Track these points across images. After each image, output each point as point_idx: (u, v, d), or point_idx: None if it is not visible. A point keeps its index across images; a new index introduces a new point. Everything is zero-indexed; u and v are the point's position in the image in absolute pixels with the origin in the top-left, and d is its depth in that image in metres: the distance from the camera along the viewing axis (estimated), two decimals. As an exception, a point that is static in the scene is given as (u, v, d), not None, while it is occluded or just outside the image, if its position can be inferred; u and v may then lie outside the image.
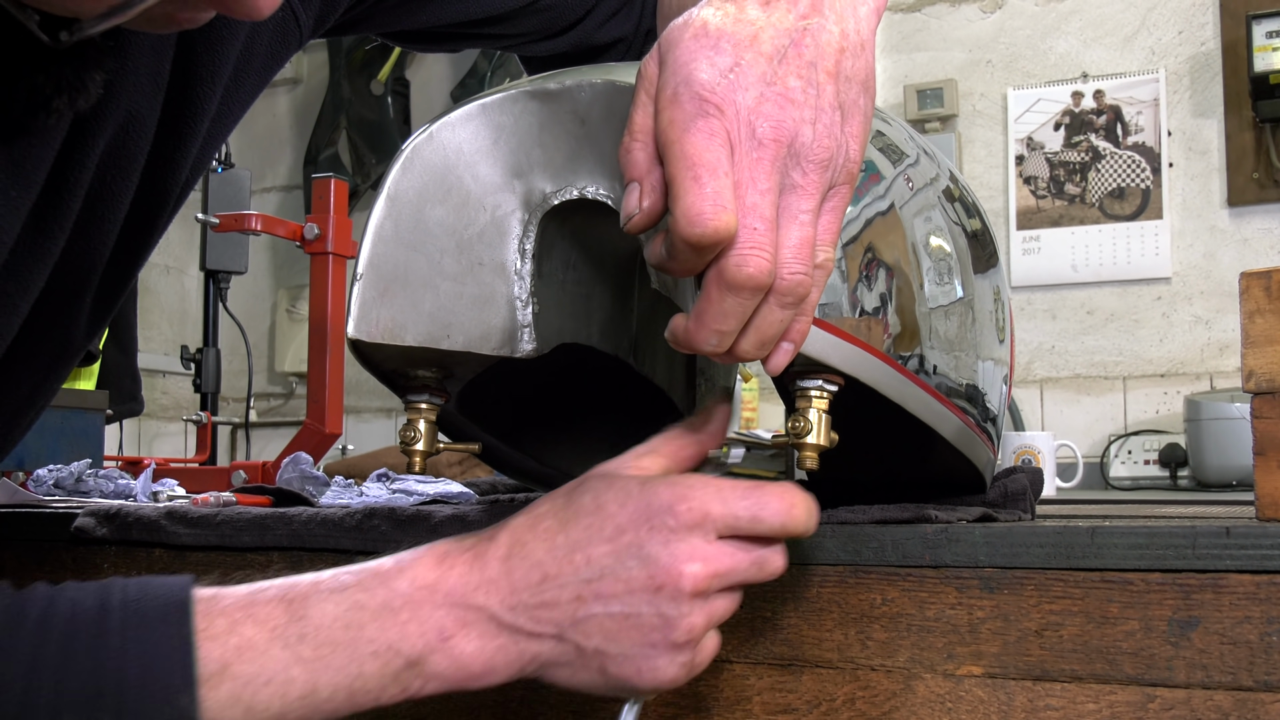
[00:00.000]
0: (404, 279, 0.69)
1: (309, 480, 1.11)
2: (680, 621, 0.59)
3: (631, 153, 0.58)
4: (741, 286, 0.55)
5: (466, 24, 0.93)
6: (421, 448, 0.74)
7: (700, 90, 0.56)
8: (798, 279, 0.57)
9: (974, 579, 0.68)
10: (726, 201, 0.54)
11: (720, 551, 0.60)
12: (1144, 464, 2.61)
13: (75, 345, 0.78)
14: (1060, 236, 2.81)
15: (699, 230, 0.54)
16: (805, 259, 0.57)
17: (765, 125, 0.56)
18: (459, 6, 0.91)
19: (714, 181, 0.54)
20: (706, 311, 0.57)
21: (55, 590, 0.61)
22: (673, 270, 0.57)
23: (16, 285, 0.68)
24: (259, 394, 3.54)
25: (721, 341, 0.57)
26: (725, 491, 0.60)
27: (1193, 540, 0.63)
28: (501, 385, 0.80)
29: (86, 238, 0.72)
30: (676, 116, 0.56)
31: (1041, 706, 0.66)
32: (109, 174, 0.71)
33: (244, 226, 2.12)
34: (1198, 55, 2.74)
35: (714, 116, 0.55)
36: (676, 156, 0.55)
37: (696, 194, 0.54)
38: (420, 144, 0.70)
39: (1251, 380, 0.67)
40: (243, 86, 0.77)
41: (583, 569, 0.60)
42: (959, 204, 0.77)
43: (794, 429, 0.64)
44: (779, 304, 0.57)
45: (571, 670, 0.61)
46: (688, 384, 0.92)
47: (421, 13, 0.91)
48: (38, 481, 1.21)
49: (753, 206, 0.55)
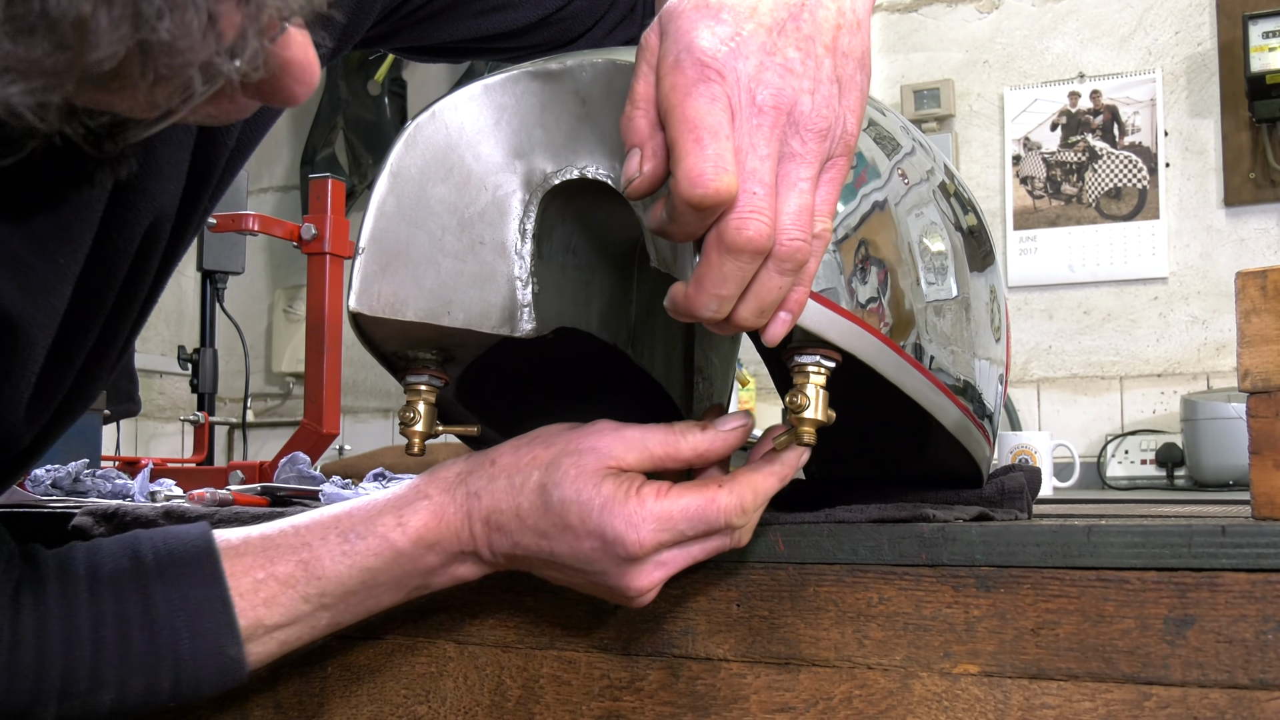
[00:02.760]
0: (405, 255, 0.70)
1: (306, 480, 1.11)
2: (634, 583, 0.67)
3: (633, 120, 0.59)
4: (741, 249, 0.56)
5: (480, 39, 0.93)
6: (420, 429, 0.74)
7: (702, 56, 0.56)
8: (796, 245, 0.57)
9: (970, 578, 0.68)
10: (727, 164, 0.55)
11: (674, 558, 0.67)
12: (1141, 464, 2.61)
13: (84, 404, 0.79)
14: (1057, 236, 2.81)
15: (700, 191, 0.55)
16: (804, 226, 0.57)
17: (765, 93, 0.56)
18: (474, 24, 0.92)
19: (715, 144, 0.55)
20: (706, 276, 0.57)
21: (90, 549, 0.70)
22: (673, 234, 0.58)
23: (73, 342, 0.70)
24: (256, 394, 3.54)
25: (720, 307, 0.58)
26: (674, 516, 0.65)
27: (1189, 539, 0.63)
28: (500, 376, 0.80)
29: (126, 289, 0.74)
30: (678, 82, 0.56)
31: (1038, 705, 0.66)
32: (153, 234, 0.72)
33: (241, 227, 2.12)
34: (1194, 55, 2.74)
35: (715, 82, 0.56)
36: (678, 120, 0.56)
37: (698, 156, 0.55)
38: (423, 122, 0.70)
39: (1247, 379, 0.67)
40: (255, 131, 0.77)
41: (549, 554, 0.68)
42: (955, 199, 0.77)
43: (792, 404, 0.64)
44: (778, 270, 0.58)
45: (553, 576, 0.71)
46: (685, 378, 0.92)
47: (438, 32, 0.91)
48: (35, 481, 1.21)
49: (753, 171, 0.56)
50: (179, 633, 0.68)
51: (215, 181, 0.74)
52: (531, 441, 0.69)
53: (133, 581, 0.69)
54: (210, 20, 0.43)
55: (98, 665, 0.67)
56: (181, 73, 0.44)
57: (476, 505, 0.69)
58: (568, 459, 0.67)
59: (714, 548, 0.67)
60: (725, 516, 0.65)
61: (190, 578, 0.69)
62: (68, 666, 0.67)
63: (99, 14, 0.41)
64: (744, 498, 0.66)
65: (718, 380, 0.96)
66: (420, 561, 0.70)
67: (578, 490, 0.66)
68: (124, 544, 0.71)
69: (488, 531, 0.69)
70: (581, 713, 0.76)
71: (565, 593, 0.77)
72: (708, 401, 0.94)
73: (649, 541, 0.65)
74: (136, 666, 0.68)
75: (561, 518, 0.66)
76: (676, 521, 0.65)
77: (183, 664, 0.68)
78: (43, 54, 0.41)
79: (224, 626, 0.68)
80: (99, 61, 0.42)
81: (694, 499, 0.65)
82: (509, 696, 0.77)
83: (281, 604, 0.70)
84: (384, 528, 0.69)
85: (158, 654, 0.68)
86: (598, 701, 0.75)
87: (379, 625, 0.81)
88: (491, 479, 0.69)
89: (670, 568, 0.67)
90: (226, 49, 0.45)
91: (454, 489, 0.70)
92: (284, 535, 0.71)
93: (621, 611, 0.75)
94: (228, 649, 0.69)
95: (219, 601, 0.68)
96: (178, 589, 0.69)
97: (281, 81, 0.50)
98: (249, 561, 0.70)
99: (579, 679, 0.76)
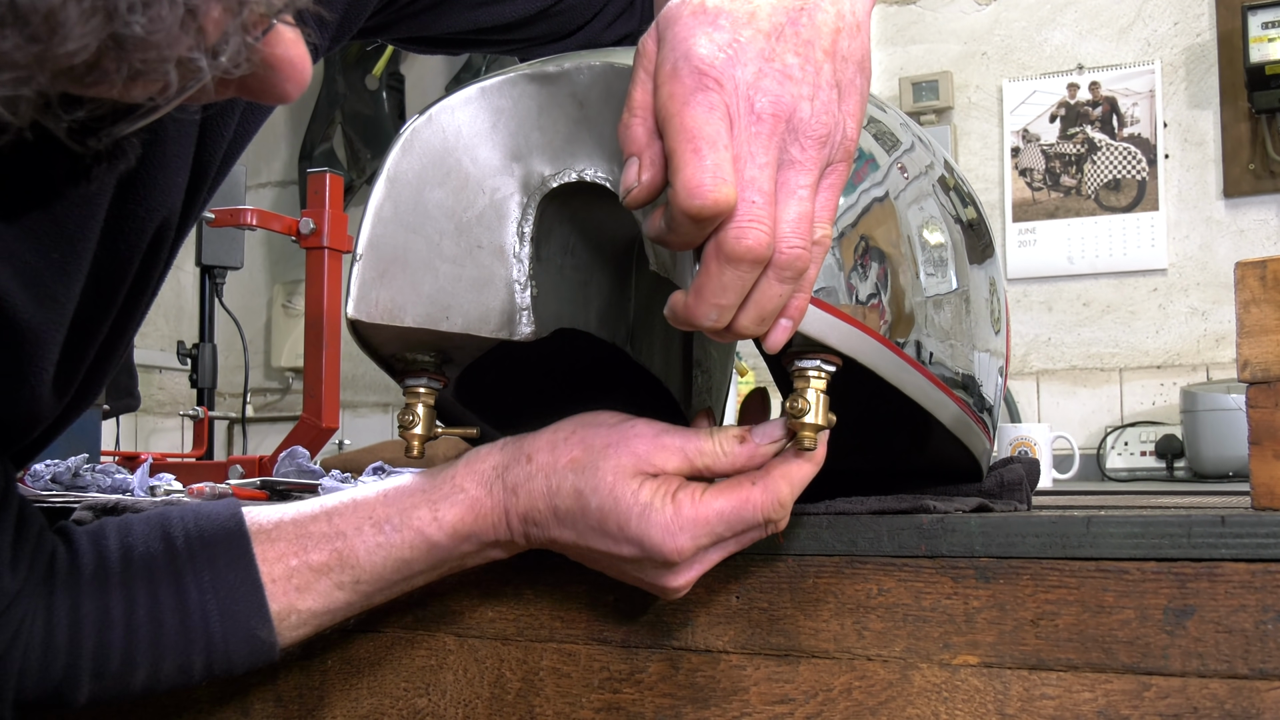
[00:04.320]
0: (403, 260, 0.69)
1: (305, 475, 1.10)
2: (671, 583, 0.68)
3: (631, 128, 0.58)
4: (740, 259, 0.56)
5: (478, 31, 0.93)
6: (420, 431, 0.74)
7: (699, 64, 0.56)
8: (796, 253, 0.57)
9: (970, 569, 0.68)
10: (726, 174, 0.55)
11: (712, 556, 0.67)
12: (1140, 455, 2.61)
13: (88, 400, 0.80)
14: (1056, 228, 2.81)
15: (699, 202, 0.54)
16: (804, 233, 0.57)
17: (764, 100, 0.56)
18: (472, 15, 0.91)
19: (714, 154, 0.55)
20: (706, 286, 0.57)
21: (122, 528, 0.72)
22: (672, 244, 0.58)
23: (85, 339, 0.70)
24: (255, 389, 3.54)
25: (721, 316, 0.58)
26: (711, 520, 0.65)
27: (1188, 529, 0.63)
28: (499, 375, 0.80)
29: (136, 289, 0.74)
30: (676, 90, 0.56)
31: (1037, 695, 0.66)
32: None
33: (239, 221, 2.12)
34: (1193, 46, 2.74)
35: (713, 90, 0.56)
36: (676, 130, 0.55)
37: (696, 166, 0.54)
38: (419, 126, 0.70)
39: (1246, 370, 0.67)
40: (252, 123, 0.77)
41: (586, 550, 0.69)
42: (954, 193, 0.77)
43: (792, 408, 0.64)
44: (778, 278, 0.57)
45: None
46: (684, 374, 0.92)
47: (436, 24, 0.91)
48: (35, 477, 1.21)
49: (751, 180, 0.56)
50: (210, 615, 0.69)
51: (214, 173, 0.74)
52: (569, 439, 0.69)
53: (165, 564, 0.70)
54: (189, 15, 0.43)
55: (130, 647, 0.69)
56: (157, 67, 0.43)
57: (513, 502, 0.69)
58: (605, 463, 0.66)
59: (751, 539, 0.68)
60: (762, 514, 0.65)
61: (221, 560, 0.70)
62: (99, 647, 0.69)
63: (69, 7, 0.40)
64: (780, 493, 0.65)
65: (716, 373, 0.96)
66: (455, 550, 0.71)
67: (615, 499, 0.66)
68: (154, 523, 0.72)
69: (525, 526, 0.70)
70: (581, 705, 0.76)
71: (565, 585, 0.77)
72: (706, 395, 0.94)
73: (687, 548, 0.65)
74: (168, 648, 0.69)
75: (599, 524, 0.66)
76: (714, 525, 0.65)
77: (214, 646, 0.70)
78: (12, 47, 0.40)
79: (255, 609, 0.70)
80: (70, 55, 0.41)
81: (729, 501, 0.65)
82: (509, 689, 0.77)
83: (316, 590, 0.71)
84: (419, 521, 0.70)
85: (189, 636, 0.69)
86: (597, 694, 0.75)
87: (378, 618, 0.81)
88: (529, 477, 0.69)
89: (708, 563, 0.67)
90: (208, 45, 0.44)
91: (491, 484, 0.70)
92: (317, 522, 0.71)
93: (621, 604, 0.75)
94: (259, 631, 0.70)
95: (250, 584, 0.70)
96: (209, 571, 0.70)
97: (271, 79, 0.50)
98: (282, 548, 0.71)
99: (579, 671, 0.76)
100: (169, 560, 0.70)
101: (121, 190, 0.67)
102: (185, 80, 0.45)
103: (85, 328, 0.69)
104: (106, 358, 0.73)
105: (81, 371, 0.72)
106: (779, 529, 0.67)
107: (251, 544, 0.71)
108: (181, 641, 0.69)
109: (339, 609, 0.72)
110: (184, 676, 0.70)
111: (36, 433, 0.71)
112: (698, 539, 0.65)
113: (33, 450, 0.75)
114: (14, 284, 0.63)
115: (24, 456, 0.75)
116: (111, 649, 0.69)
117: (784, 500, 0.65)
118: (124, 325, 0.73)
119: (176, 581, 0.70)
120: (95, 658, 0.68)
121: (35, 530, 0.70)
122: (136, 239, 0.69)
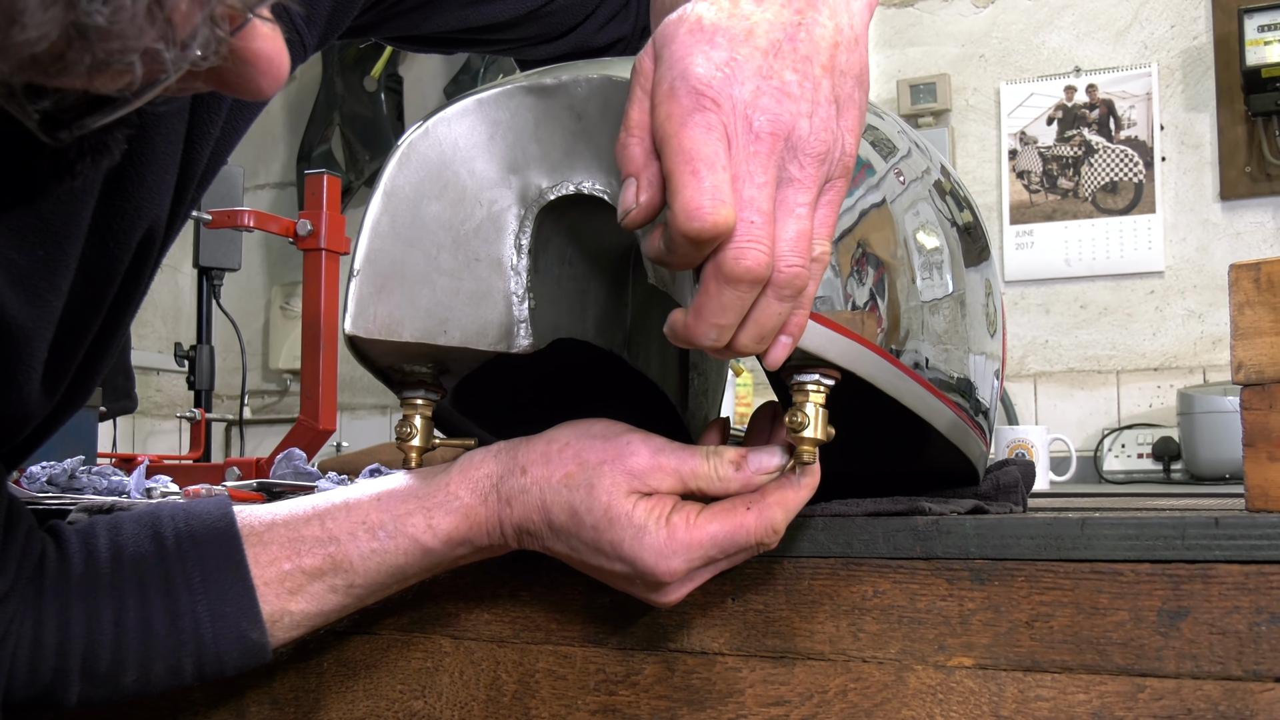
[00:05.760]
0: (401, 275, 0.69)
1: (303, 477, 1.11)
2: (663, 599, 0.68)
3: (628, 148, 0.58)
4: (740, 280, 0.55)
5: (468, 30, 0.93)
6: (418, 443, 0.74)
7: (697, 84, 0.55)
8: (795, 271, 0.57)
9: (965, 571, 0.68)
10: (725, 195, 0.54)
11: (704, 574, 0.68)
12: (1137, 457, 2.62)
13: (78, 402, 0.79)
14: (1053, 231, 2.81)
15: (698, 224, 0.54)
16: (803, 252, 0.57)
17: (762, 119, 0.56)
18: (461, 15, 0.91)
19: (712, 175, 0.54)
20: (705, 305, 0.57)
21: (112, 526, 0.71)
22: (671, 264, 0.58)
23: (74, 337, 0.70)
24: (253, 391, 3.54)
25: (720, 335, 0.58)
26: (704, 544, 0.65)
27: (1182, 531, 0.63)
28: (497, 381, 0.80)
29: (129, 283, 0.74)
30: (673, 111, 0.56)
31: (1032, 697, 0.66)
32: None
33: (237, 223, 2.12)
34: (1190, 49, 2.74)
35: (711, 110, 0.55)
36: (674, 151, 0.55)
37: (695, 188, 0.54)
38: (416, 139, 0.69)
39: (1241, 372, 0.67)
40: (241, 120, 0.77)
41: (580, 562, 0.69)
42: (950, 198, 0.77)
43: (791, 423, 0.64)
44: (777, 297, 0.57)
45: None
46: (681, 378, 0.92)
47: (425, 23, 0.91)
48: (31, 478, 1.21)
49: (750, 200, 0.55)
50: (200, 618, 0.69)
51: (202, 171, 0.74)
52: (563, 452, 0.68)
53: (155, 564, 0.70)
54: (155, 6, 0.42)
55: (119, 649, 0.69)
56: (121, 58, 0.43)
57: (508, 512, 0.69)
58: (600, 481, 0.66)
59: (742, 559, 0.68)
60: (755, 539, 0.66)
61: (211, 560, 0.70)
62: (89, 649, 0.68)
63: None
64: (774, 519, 0.65)
65: (712, 375, 0.96)
66: (449, 555, 0.71)
67: (610, 519, 0.66)
68: (145, 522, 0.72)
69: (519, 535, 0.70)
70: (577, 707, 0.76)
71: (561, 588, 0.77)
72: (703, 397, 0.94)
73: (680, 570, 0.66)
74: (158, 650, 0.69)
75: (593, 542, 0.67)
76: (707, 549, 0.65)
77: (205, 648, 0.70)
78: None
79: (245, 610, 0.70)
80: (30, 43, 0.41)
81: (723, 526, 0.65)
82: (505, 691, 0.78)
83: (309, 593, 0.71)
84: (414, 529, 0.70)
85: (179, 638, 0.69)
86: (593, 696, 0.75)
87: (374, 620, 0.81)
88: (524, 490, 0.69)
89: (699, 581, 0.68)
90: (177, 38, 0.44)
91: (486, 493, 0.70)
92: (309, 526, 0.71)
93: (617, 607, 0.75)
94: (250, 632, 0.70)
95: (241, 586, 0.70)
96: (199, 571, 0.70)
97: (246, 74, 0.49)
98: (275, 551, 0.71)
99: (574, 673, 0.76)
100: (159, 560, 0.70)
101: (109, 188, 0.67)
102: (153, 72, 0.44)
103: (75, 326, 0.69)
104: (98, 356, 0.73)
105: (71, 370, 0.71)
106: (770, 549, 0.68)
107: (243, 545, 0.71)
108: (172, 643, 0.69)
109: (332, 611, 0.73)
110: (175, 678, 0.70)
111: (27, 432, 0.71)
112: (690, 561, 0.66)
113: (25, 450, 0.75)
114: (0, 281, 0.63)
115: (16, 457, 0.75)
116: (101, 651, 0.68)
117: (777, 526, 0.66)
118: (115, 324, 0.73)
119: (166, 582, 0.69)
120: (84, 659, 0.68)
121: (24, 530, 0.70)
122: (126, 236, 0.69)
